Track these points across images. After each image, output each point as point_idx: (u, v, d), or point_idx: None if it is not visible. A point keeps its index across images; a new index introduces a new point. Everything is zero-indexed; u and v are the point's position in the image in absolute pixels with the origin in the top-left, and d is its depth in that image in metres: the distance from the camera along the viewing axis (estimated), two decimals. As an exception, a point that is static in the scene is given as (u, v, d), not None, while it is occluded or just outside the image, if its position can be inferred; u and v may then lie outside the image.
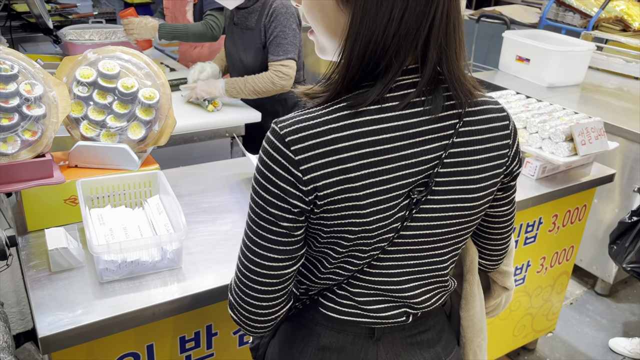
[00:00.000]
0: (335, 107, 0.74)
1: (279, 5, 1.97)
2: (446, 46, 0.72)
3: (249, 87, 1.98)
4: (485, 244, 1.00)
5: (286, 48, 1.97)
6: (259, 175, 0.76)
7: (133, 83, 1.44)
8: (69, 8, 3.88)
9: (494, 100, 0.85)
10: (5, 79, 1.27)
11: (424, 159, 0.76)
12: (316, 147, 0.72)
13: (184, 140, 1.94)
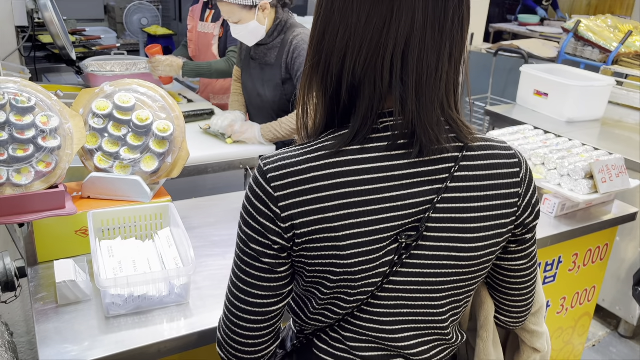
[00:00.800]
0: (318, 146, 0.74)
1: (300, 41, 1.98)
2: (416, 86, 0.69)
3: (286, 128, 2.00)
4: (503, 299, 0.94)
5: None
6: (243, 210, 0.77)
7: (148, 116, 1.45)
8: (93, 40, 3.99)
9: (504, 144, 0.81)
10: (22, 111, 1.29)
11: (414, 202, 0.73)
12: (295, 185, 0.72)
13: (198, 172, 1.95)
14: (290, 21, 2.05)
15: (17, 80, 1.32)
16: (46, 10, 2.74)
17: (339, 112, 0.74)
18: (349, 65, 0.70)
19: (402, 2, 0.66)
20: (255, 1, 1.93)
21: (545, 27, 5.98)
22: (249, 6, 1.94)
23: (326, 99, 0.74)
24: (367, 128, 0.71)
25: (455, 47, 0.71)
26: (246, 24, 1.98)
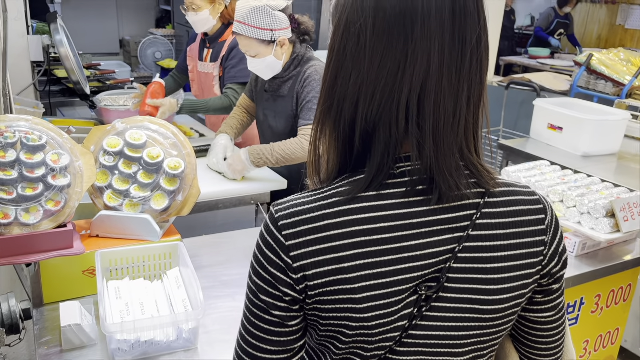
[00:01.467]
0: (332, 192, 0.70)
1: (312, 72, 1.97)
2: (433, 131, 0.65)
3: (277, 154, 1.96)
4: (529, 353, 0.88)
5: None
6: (254, 259, 0.72)
7: (159, 153, 1.43)
8: (108, 74, 4.04)
9: (528, 189, 0.76)
10: (33, 149, 1.28)
11: (433, 252, 0.69)
12: (308, 234, 0.68)
13: (209, 208, 1.92)
14: (308, 55, 2.05)
15: (28, 118, 1.32)
16: (62, 46, 2.78)
17: (353, 157, 0.71)
18: (362, 111, 0.67)
19: (416, 44, 0.64)
20: (274, 37, 1.93)
21: (556, 60, 5.99)
22: (268, 41, 1.94)
23: (339, 144, 0.71)
24: (383, 174, 0.68)
25: (474, 90, 0.68)
26: (263, 59, 1.98)
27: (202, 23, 2.47)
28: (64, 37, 2.83)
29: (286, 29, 1.96)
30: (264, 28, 1.92)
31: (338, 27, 0.69)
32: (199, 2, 2.41)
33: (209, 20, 2.47)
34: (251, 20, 1.91)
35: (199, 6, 2.42)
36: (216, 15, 2.48)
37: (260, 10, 1.89)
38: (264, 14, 1.89)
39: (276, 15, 1.91)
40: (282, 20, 1.93)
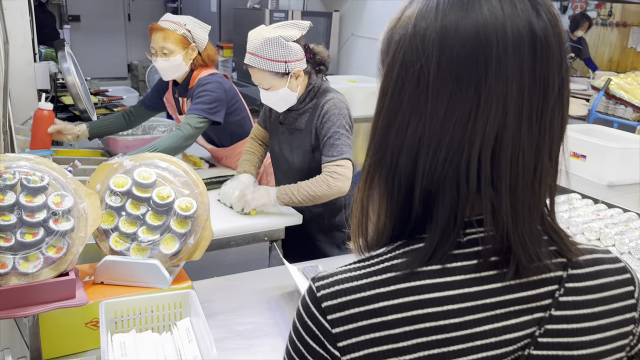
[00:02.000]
0: (386, 265, 0.58)
1: (331, 106, 1.87)
2: (510, 191, 0.55)
3: (303, 193, 1.85)
4: None
5: (341, 148, 1.85)
6: (290, 344, 0.60)
7: (169, 193, 1.33)
8: (116, 100, 3.98)
9: (611, 255, 0.64)
10: (34, 191, 1.18)
11: (510, 338, 0.57)
12: (360, 318, 0.56)
13: (220, 246, 1.81)
14: (324, 86, 1.95)
15: (30, 157, 1.22)
16: (69, 74, 2.71)
17: (410, 221, 0.60)
18: (424, 167, 0.56)
19: (490, 88, 0.53)
20: (288, 68, 1.84)
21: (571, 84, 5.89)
22: (282, 73, 1.85)
23: (393, 204, 0.60)
24: (448, 243, 0.57)
25: (556, 143, 0.57)
26: (277, 91, 1.89)
27: (174, 69, 2.20)
28: (72, 65, 2.77)
29: (300, 60, 1.87)
30: (277, 60, 1.83)
31: (392, 67, 0.58)
32: (171, 46, 2.14)
33: (181, 66, 2.20)
34: (264, 52, 1.82)
35: (171, 50, 2.14)
36: (188, 61, 2.21)
37: (274, 42, 1.81)
38: (278, 45, 1.81)
39: (290, 47, 1.82)
40: (296, 51, 1.84)
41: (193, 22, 2.23)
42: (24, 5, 2.71)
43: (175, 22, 2.17)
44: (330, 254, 2.03)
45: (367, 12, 5.48)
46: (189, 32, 2.19)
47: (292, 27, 1.85)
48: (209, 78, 2.22)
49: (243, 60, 2.41)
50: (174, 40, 2.16)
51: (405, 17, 0.59)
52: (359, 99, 4.20)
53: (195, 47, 2.22)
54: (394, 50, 0.59)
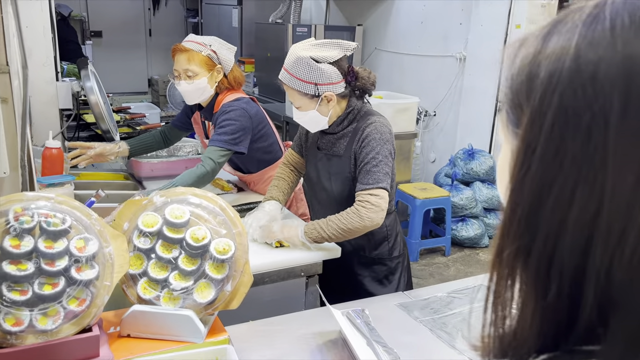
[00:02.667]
0: None
1: (372, 130, 1.71)
2: None
3: (332, 227, 1.68)
4: None
5: (377, 176, 1.69)
6: None
7: (204, 234, 1.18)
8: (138, 118, 3.88)
9: None
10: (54, 235, 1.04)
11: None
12: None
13: (254, 283, 1.64)
14: (365, 109, 1.80)
15: (50, 197, 1.09)
16: (92, 94, 2.60)
17: (572, 329, 0.43)
18: (601, 259, 0.40)
19: None
20: (318, 91, 1.68)
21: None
22: (311, 95, 1.71)
23: (544, 306, 0.44)
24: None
25: None
26: (307, 112, 1.75)
27: (199, 93, 2.07)
28: (95, 84, 2.66)
29: (335, 84, 1.69)
30: (307, 81, 1.68)
31: (541, 115, 0.42)
32: (196, 69, 2.01)
33: (206, 89, 2.06)
34: (295, 71, 1.68)
35: (196, 73, 2.01)
36: (214, 84, 2.08)
37: (304, 62, 1.66)
38: (307, 66, 1.66)
39: (322, 70, 1.66)
40: (330, 74, 1.67)
41: (219, 43, 2.10)
42: (46, 21, 2.62)
43: (199, 43, 2.04)
44: (373, 290, 1.86)
45: (392, 26, 5.35)
46: (214, 54, 2.06)
47: (333, 48, 1.70)
48: (234, 104, 2.07)
49: (264, 76, 2.31)
50: (199, 62, 2.02)
51: (555, 47, 0.44)
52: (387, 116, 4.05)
53: (220, 69, 2.09)
54: (542, 92, 0.43)
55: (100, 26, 8.36)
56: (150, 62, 9.03)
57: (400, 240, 1.93)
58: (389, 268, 1.90)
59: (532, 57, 0.46)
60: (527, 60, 0.46)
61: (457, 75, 4.62)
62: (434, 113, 4.91)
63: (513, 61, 0.48)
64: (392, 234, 1.88)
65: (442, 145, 4.88)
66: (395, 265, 1.90)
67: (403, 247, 1.94)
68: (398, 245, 1.90)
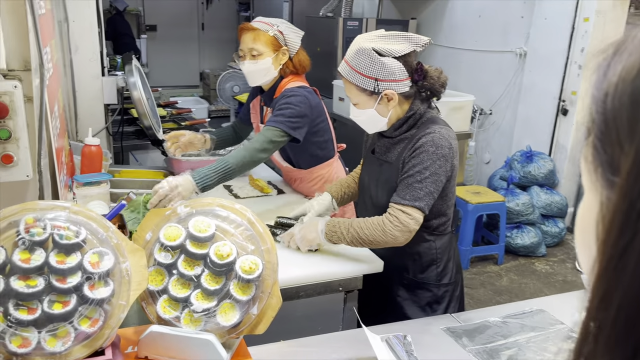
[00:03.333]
0: None
1: (428, 142, 1.51)
2: None
3: (353, 233, 1.55)
4: None
5: (417, 193, 1.51)
6: None
7: (230, 251, 1.07)
8: (185, 113, 3.85)
9: None
10: (67, 249, 0.96)
11: None
12: None
13: (288, 297, 1.54)
14: (428, 115, 1.59)
15: (66, 206, 1.01)
16: (135, 89, 2.56)
17: None
18: None
19: None
20: (378, 88, 1.52)
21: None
22: (370, 91, 1.54)
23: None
24: None
25: None
26: (364, 110, 1.59)
27: (262, 73, 2.02)
28: (138, 79, 2.62)
29: (399, 82, 1.51)
30: (367, 75, 1.51)
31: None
32: (261, 48, 1.97)
33: (269, 70, 2.02)
34: (355, 63, 1.52)
35: (261, 52, 1.98)
36: (278, 66, 2.03)
37: (365, 54, 1.49)
38: (369, 59, 1.49)
39: (385, 64, 1.49)
40: (394, 70, 1.50)
41: (286, 25, 2.06)
42: (93, 17, 2.60)
43: (267, 23, 2.02)
44: (412, 315, 1.67)
45: (447, 19, 5.11)
46: (280, 34, 2.01)
47: (401, 41, 1.52)
48: (296, 90, 1.99)
49: (313, 70, 2.21)
50: (265, 41, 1.99)
51: None
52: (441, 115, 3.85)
53: (286, 50, 2.03)
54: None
55: (155, 20, 8.50)
56: (203, 56, 9.12)
57: (454, 266, 1.71)
58: (434, 295, 1.69)
59: (638, 71, 0.31)
60: (629, 76, 0.31)
61: (516, 72, 4.35)
62: (490, 111, 4.65)
63: (605, 75, 0.34)
64: (442, 258, 1.68)
65: (497, 145, 4.62)
66: (442, 293, 1.69)
67: (456, 275, 1.72)
68: (449, 271, 1.69)
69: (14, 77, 1.18)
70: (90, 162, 2.08)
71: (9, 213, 0.95)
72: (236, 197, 2.20)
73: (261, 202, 2.17)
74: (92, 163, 2.08)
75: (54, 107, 1.37)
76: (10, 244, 0.94)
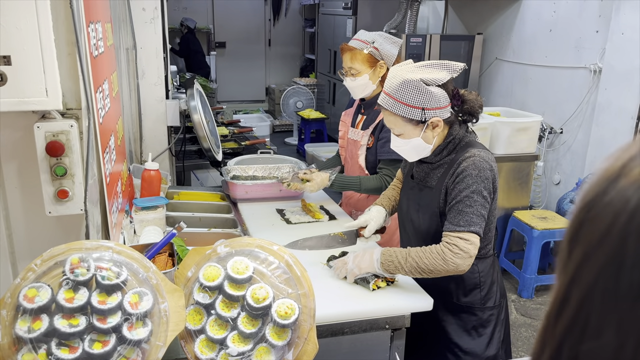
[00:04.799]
0: None
1: (469, 165, 1.52)
2: None
3: (412, 263, 1.53)
4: None
5: (470, 218, 1.50)
6: None
7: (266, 294, 1.06)
8: (246, 132, 3.94)
9: None
10: (108, 289, 0.99)
11: None
12: None
13: (331, 333, 1.51)
14: (467, 139, 1.60)
15: (109, 245, 1.04)
16: (195, 113, 2.65)
17: None
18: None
19: None
20: (425, 116, 1.53)
21: None
22: (417, 121, 1.54)
23: None
24: None
25: None
26: (409, 140, 1.59)
27: (361, 89, 2.18)
28: (199, 103, 2.71)
29: (442, 108, 1.53)
30: (414, 106, 1.52)
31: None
32: (358, 66, 2.12)
33: (367, 85, 2.17)
34: (400, 95, 1.52)
35: (358, 70, 2.13)
36: (376, 79, 2.16)
37: (412, 85, 1.50)
38: (416, 89, 1.50)
39: (431, 92, 1.50)
40: (439, 98, 1.52)
41: (382, 39, 2.15)
42: (159, 43, 2.71)
43: (363, 41, 2.13)
44: (458, 340, 1.66)
45: (516, 34, 4.91)
46: (376, 50, 2.12)
47: (440, 69, 1.54)
48: None
49: None
50: (361, 60, 2.12)
51: None
52: (503, 136, 3.70)
53: (383, 64, 2.14)
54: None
55: (224, 37, 8.80)
56: (269, 72, 9.33)
57: (498, 290, 1.69)
58: (479, 319, 1.67)
59: None
60: None
61: (590, 89, 4.10)
62: (560, 130, 4.41)
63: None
64: (486, 281, 1.65)
65: (568, 166, 4.37)
66: (487, 317, 1.67)
67: (500, 298, 1.70)
68: (494, 295, 1.68)
69: (71, 116, 1.24)
70: (150, 186, 2.16)
71: (56, 252, 0.99)
72: (288, 222, 2.21)
73: (312, 228, 2.16)
74: (151, 187, 2.16)
75: (108, 141, 1.43)
76: (56, 284, 0.98)
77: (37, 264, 0.98)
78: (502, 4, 5.04)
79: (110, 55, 1.64)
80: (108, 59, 1.58)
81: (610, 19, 3.83)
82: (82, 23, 1.18)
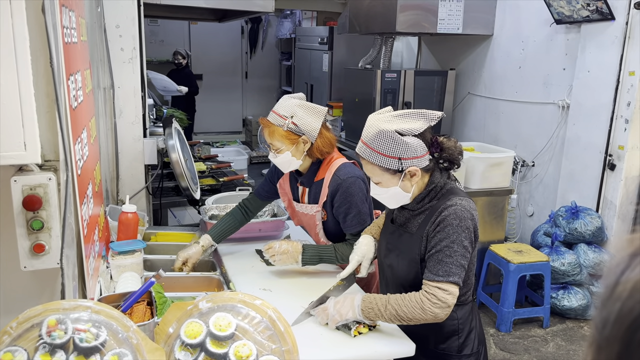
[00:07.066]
0: None
1: (450, 215, 1.53)
2: None
3: (391, 311, 1.53)
4: None
5: (449, 268, 1.51)
6: None
7: (249, 352, 1.05)
8: (224, 167, 3.92)
9: None
10: (86, 352, 0.96)
11: None
12: None
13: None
14: (448, 187, 1.61)
15: (88, 305, 1.02)
16: (173, 152, 2.64)
17: None
18: None
19: None
20: (402, 166, 1.54)
21: None
22: (394, 170, 1.56)
23: None
24: None
25: None
26: (387, 188, 1.60)
27: (286, 165, 2.05)
28: (177, 142, 2.70)
29: (420, 157, 1.55)
30: (390, 155, 1.54)
31: None
32: (277, 144, 1.97)
33: (292, 162, 2.03)
34: (376, 145, 1.54)
35: (278, 148, 1.98)
36: (300, 155, 2.01)
37: (388, 136, 1.52)
38: (392, 140, 1.52)
39: (407, 143, 1.52)
40: (415, 148, 1.53)
41: (303, 111, 1.99)
42: (137, 82, 2.71)
43: (281, 116, 1.97)
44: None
45: (487, 70, 5.07)
46: (295, 126, 1.96)
47: (417, 118, 1.56)
48: (351, 182, 2.00)
49: (352, 120, 2.22)
50: (280, 137, 1.96)
51: None
52: (478, 171, 3.76)
53: (306, 138, 1.99)
54: None
55: (201, 69, 8.84)
56: (246, 103, 9.38)
57: (476, 337, 1.68)
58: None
59: None
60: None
61: (559, 124, 4.24)
62: (532, 163, 4.53)
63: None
64: (464, 328, 1.64)
65: (541, 198, 4.47)
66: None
67: (478, 346, 1.69)
68: (471, 342, 1.66)
69: (49, 168, 1.23)
70: (127, 229, 2.12)
71: (32, 314, 0.97)
72: (267, 263, 2.19)
73: (293, 268, 2.14)
74: (128, 230, 2.12)
75: (85, 191, 1.41)
76: (32, 347, 0.95)
77: (12, 326, 0.95)
78: (473, 42, 5.21)
79: (89, 102, 1.64)
80: (87, 107, 1.57)
81: (576, 57, 3.99)
82: (62, 77, 1.18)
